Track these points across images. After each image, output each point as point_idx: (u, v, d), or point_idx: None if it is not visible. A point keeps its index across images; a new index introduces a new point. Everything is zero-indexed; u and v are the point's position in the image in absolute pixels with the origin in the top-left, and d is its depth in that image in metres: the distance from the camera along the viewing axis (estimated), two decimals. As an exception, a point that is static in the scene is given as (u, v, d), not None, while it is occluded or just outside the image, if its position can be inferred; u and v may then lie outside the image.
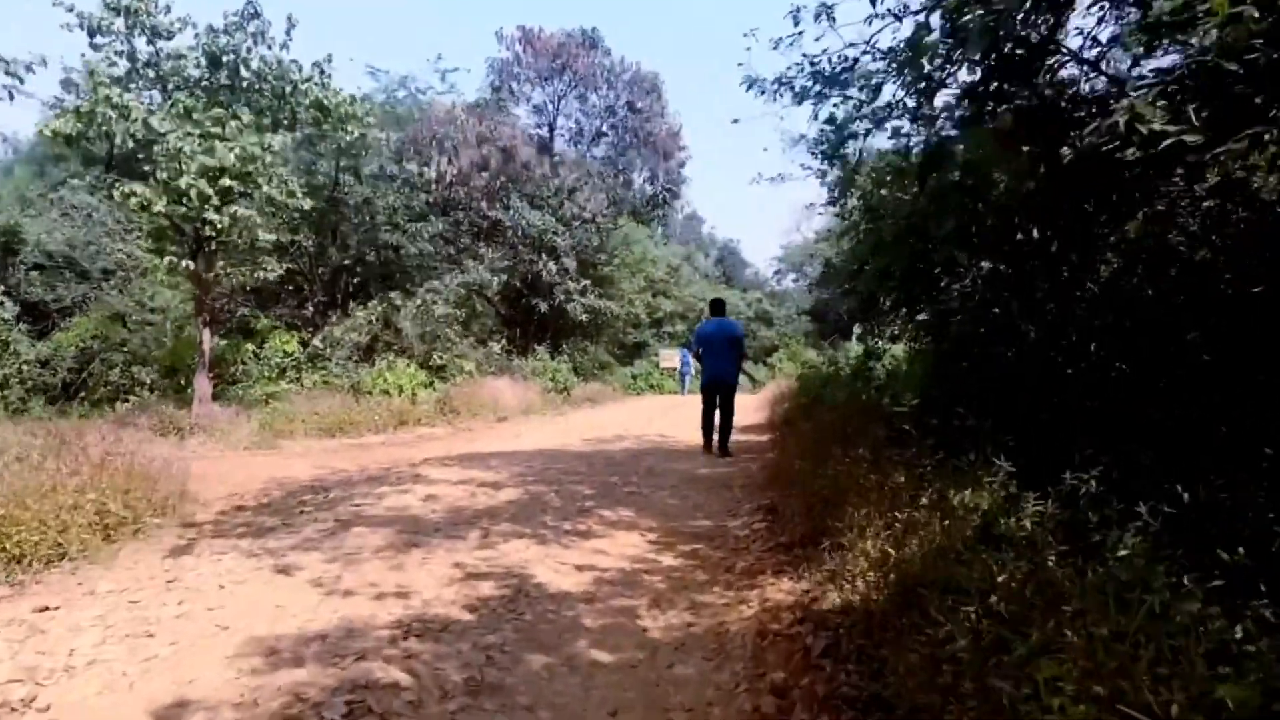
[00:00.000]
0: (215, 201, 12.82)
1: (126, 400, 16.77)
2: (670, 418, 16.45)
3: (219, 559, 5.06)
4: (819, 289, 42.17)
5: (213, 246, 13.75)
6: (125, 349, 18.03)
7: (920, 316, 8.72)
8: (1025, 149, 4.68)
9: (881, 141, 10.28)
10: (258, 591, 4.37)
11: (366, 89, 21.95)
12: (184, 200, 12.86)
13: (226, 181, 13.22)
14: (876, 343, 11.04)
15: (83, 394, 18.60)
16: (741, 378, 10.03)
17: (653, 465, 8.81)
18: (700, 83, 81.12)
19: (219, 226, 13.07)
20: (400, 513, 6.22)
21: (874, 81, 8.65)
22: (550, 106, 22.39)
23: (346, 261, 19.58)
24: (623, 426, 14.11)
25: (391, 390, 14.36)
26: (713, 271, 53.89)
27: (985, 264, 6.41)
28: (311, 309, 18.41)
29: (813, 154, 9.46)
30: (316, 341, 14.80)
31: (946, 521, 3.87)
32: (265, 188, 13.55)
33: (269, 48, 14.49)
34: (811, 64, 8.42)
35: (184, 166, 12.73)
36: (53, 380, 18.39)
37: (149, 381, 17.40)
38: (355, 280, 19.26)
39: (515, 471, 8.30)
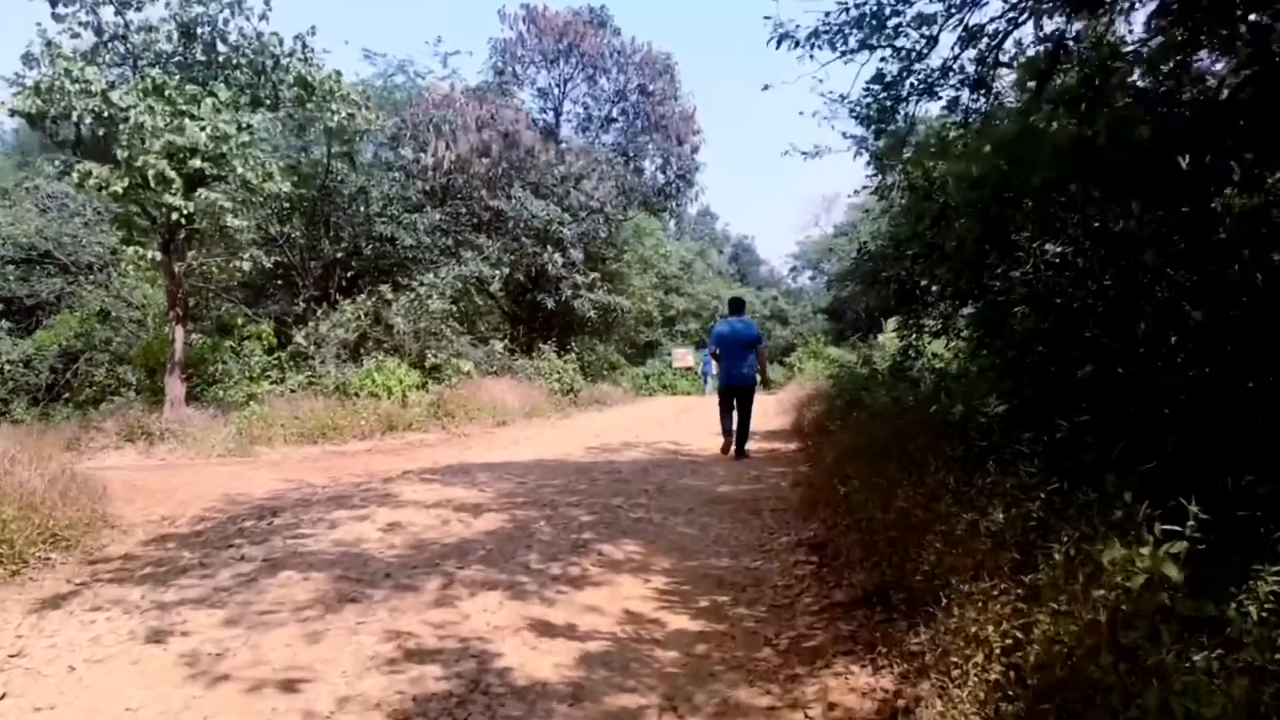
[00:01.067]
0: (178, 185, 11.64)
1: (111, 401, 15.69)
2: (684, 422, 15.18)
3: (93, 619, 3.84)
4: (838, 285, 40.82)
5: (182, 235, 12.59)
6: (110, 347, 16.98)
7: (967, 310, 7.48)
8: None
9: (935, 110, 9.05)
10: (112, 678, 3.13)
11: (364, 75, 20.78)
12: (146, 183, 11.71)
13: (197, 163, 12.06)
14: (917, 338, 9.76)
15: (66, 395, 17.59)
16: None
17: (665, 481, 7.53)
18: (712, 75, 79.82)
19: (185, 212, 11.90)
20: (348, 549, 4.98)
21: (930, 30, 7.38)
22: (556, 90, 21.17)
23: (339, 254, 18.39)
24: (632, 432, 12.85)
25: (380, 392, 13.16)
26: (726, 269, 52.59)
27: (1051, 246, 5.12)
28: (303, 305, 17.24)
29: (856, 117, 8.21)
30: (299, 338, 13.61)
31: (1102, 592, 2.57)
32: (240, 169, 12.35)
33: (247, 19, 13.33)
34: (856, 3, 7.16)
35: (147, 145, 11.57)
36: (36, 380, 17.39)
37: (134, 382, 16.35)
38: (349, 274, 18.08)
39: (503, 490, 7.05)
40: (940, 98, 8.18)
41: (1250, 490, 2.90)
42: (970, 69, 8.04)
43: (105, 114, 11.60)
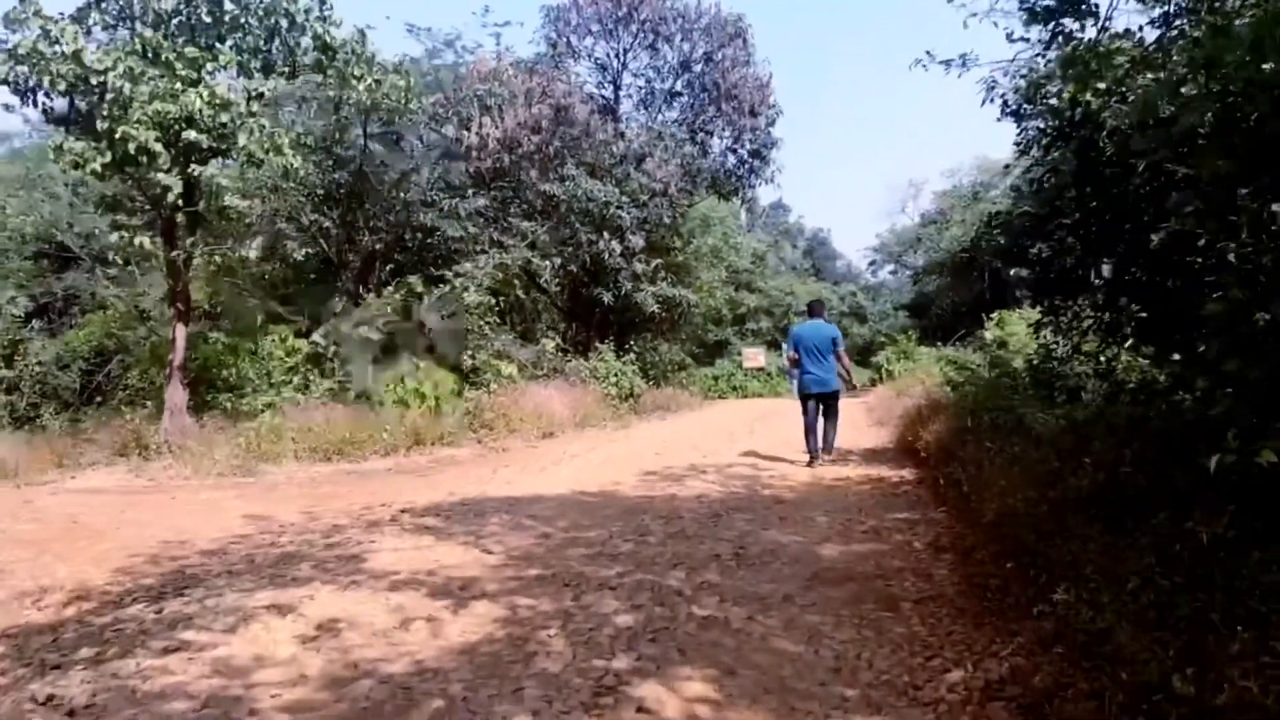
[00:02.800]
0: (165, 159, 9.96)
1: (145, 405, 14.31)
2: (760, 433, 12.95)
3: None
4: (925, 278, 37.86)
5: (180, 220, 10.94)
6: (144, 348, 15.67)
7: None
8: None
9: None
10: None
11: (410, 53, 19.04)
12: (132, 158, 10.09)
13: (193, 135, 10.38)
14: (1077, 335, 7.46)
15: (99, 399, 16.36)
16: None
17: (745, 536, 5.38)
18: (782, 54, 76.88)
19: (177, 192, 10.23)
20: (220, 692, 2.98)
21: None
22: (615, 62, 19.06)
23: (378, 245, 16.72)
24: (700, 449, 10.73)
25: (410, 399, 11.32)
26: (801, 263, 49.94)
27: None
28: (339, 302, 15.60)
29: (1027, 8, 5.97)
30: (317, 338, 11.85)
31: None
32: (243, 140, 10.65)
33: (258, -28, 11.66)
34: None
35: (128, 114, 9.93)
36: (70, 383, 16.19)
37: (160, 384, 14.98)
38: (389, 267, 16.41)
39: (516, 550, 5.00)
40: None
41: None
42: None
43: (84, 80, 10.03)
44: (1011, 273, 29.40)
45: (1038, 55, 5.80)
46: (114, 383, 15.99)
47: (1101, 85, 5.72)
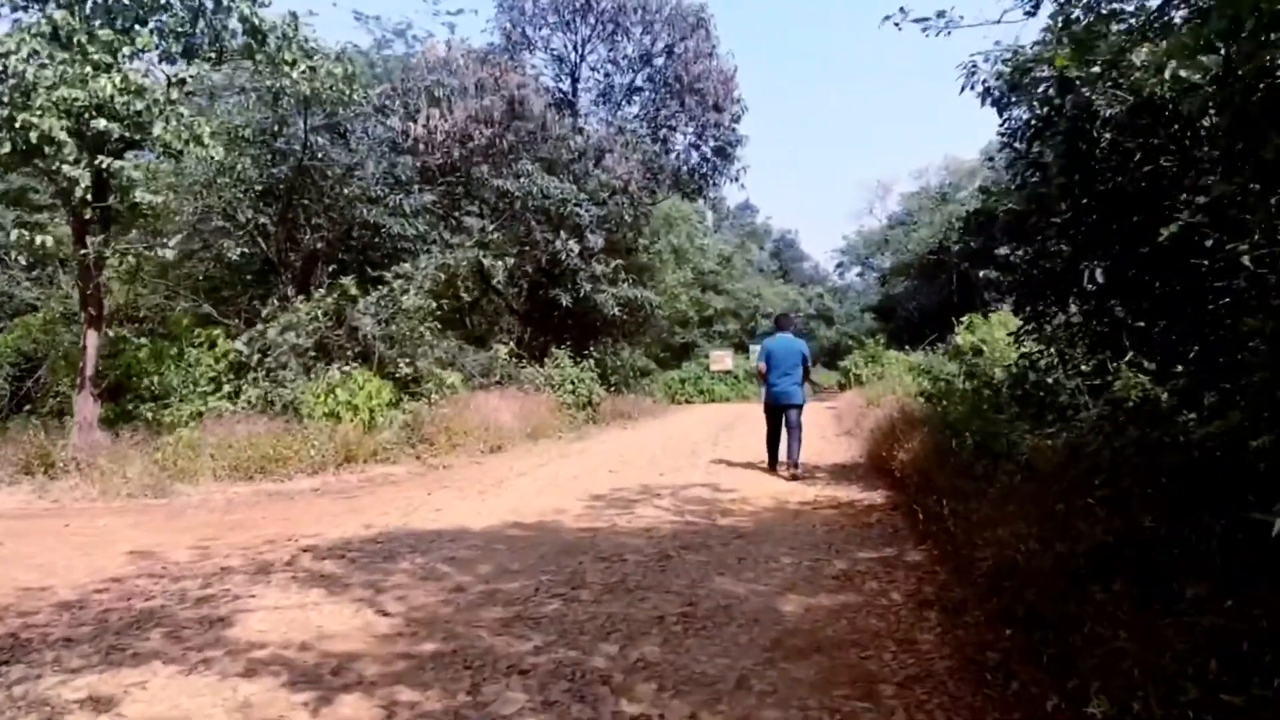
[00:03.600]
0: (71, 149, 9.00)
1: (68, 417, 13.20)
2: (725, 445, 12.24)
3: None
4: (892, 279, 37.43)
5: (88, 215, 9.94)
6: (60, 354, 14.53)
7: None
8: None
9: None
10: None
11: (359, 44, 18.04)
12: (35, 148, 9.11)
13: (103, 123, 9.42)
14: (1066, 342, 6.84)
15: (28, 406, 15.20)
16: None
17: (696, 585, 4.59)
18: (750, 57, 76.54)
19: (85, 185, 9.26)
20: None
21: None
22: (573, 54, 18.20)
23: (320, 244, 15.74)
24: (657, 463, 9.98)
25: (341, 412, 10.40)
26: (768, 265, 49.47)
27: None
28: (276, 305, 14.61)
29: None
30: (240, 345, 10.89)
31: None
32: (158, 130, 9.70)
33: (179, -53, 10.71)
34: None
35: (31, 100, 8.97)
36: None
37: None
38: (332, 268, 15.44)
39: (417, 612, 4.16)
40: None
41: None
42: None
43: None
44: (980, 275, 29.10)
45: (1026, 14, 5.07)
46: (44, 390, 14.90)
47: (1095, 65, 5.06)
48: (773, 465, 9.20)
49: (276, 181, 15.65)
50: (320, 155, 15.32)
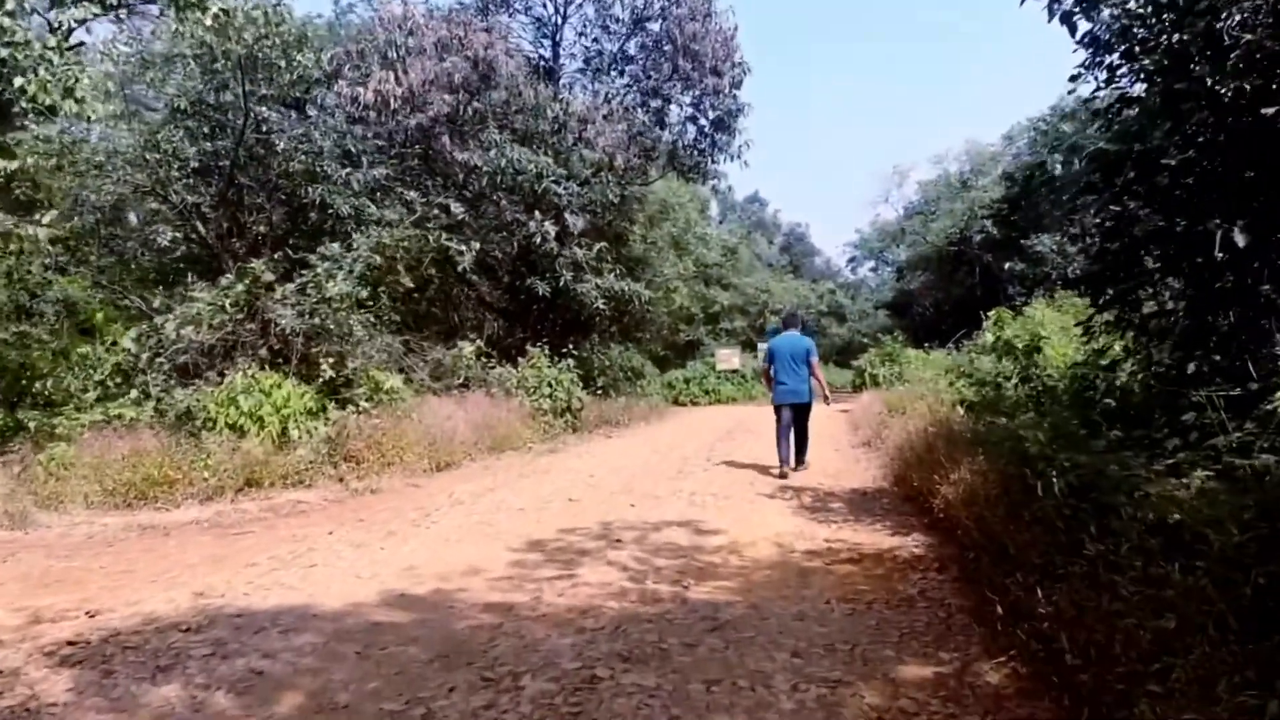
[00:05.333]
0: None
1: None
2: (721, 456, 10.30)
3: None
4: (909, 273, 35.29)
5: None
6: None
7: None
8: None
9: None
10: None
11: (321, 10, 16.17)
12: None
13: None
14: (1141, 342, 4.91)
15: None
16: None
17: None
18: (761, 52, 74.43)
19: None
20: None
21: None
22: (555, 16, 16.22)
23: (262, 228, 13.88)
24: (633, 487, 8.05)
25: (246, 424, 8.50)
26: (778, 259, 47.37)
27: None
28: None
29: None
30: (128, 343, 8.99)
31: None
32: (19, 82, 7.89)
33: None
34: None
35: None
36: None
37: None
38: (277, 255, 13.57)
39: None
40: None
41: None
42: None
43: None
44: (1006, 267, 27.08)
45: None
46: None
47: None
48: (782, 469, 8.82)
49: (215, 157, 13.83)
50: (265, 128, 13.48)
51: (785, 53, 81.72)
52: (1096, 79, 5.65)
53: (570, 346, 13.93)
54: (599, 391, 15.59)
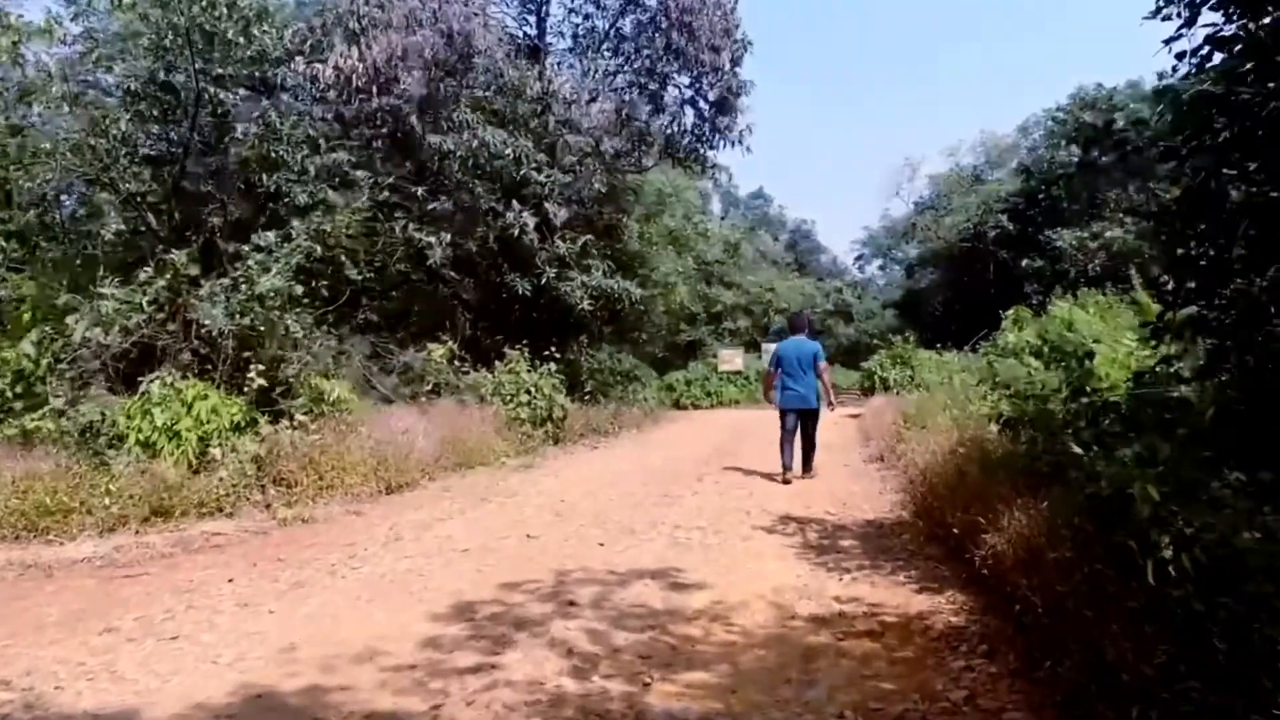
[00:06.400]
0: None
1: None
2: (716, 474, 9.08)
3: None
4: (919, 270, 33.95)
5: None
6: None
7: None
8: None
9: None
10: None
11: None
12: None
13: None
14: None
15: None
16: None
17: None
18: (763, 41, 73.20)
19: None
20: None
21: None
22: (541, -8, 14.94)
23: (216, 220, 12.68)
24: (607, 519, 6.85)
25: (161, 440, 7.31)
26: (783, 257, 46.03)
27: None
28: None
29: None
30: (27, 347, 7.79)
31: None
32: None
33: None
34: None
35: None
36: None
37: None
38: (233, 249, 12.40)
39: None
40: None
41: None
42: None
43: None
44: (1023, 264, 25.78)
45: None
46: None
47: None
48: (785, 475, 8.65)
49: (169, 143, 12.67)
50: (221, 111, 12.29)
51: (793, 46, 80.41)
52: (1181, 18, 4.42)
53: (553, 349, 12.71)
54: (587, 397, 14.38)
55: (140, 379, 7.72)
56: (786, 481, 8.52)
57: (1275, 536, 2.59)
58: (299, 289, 8.32)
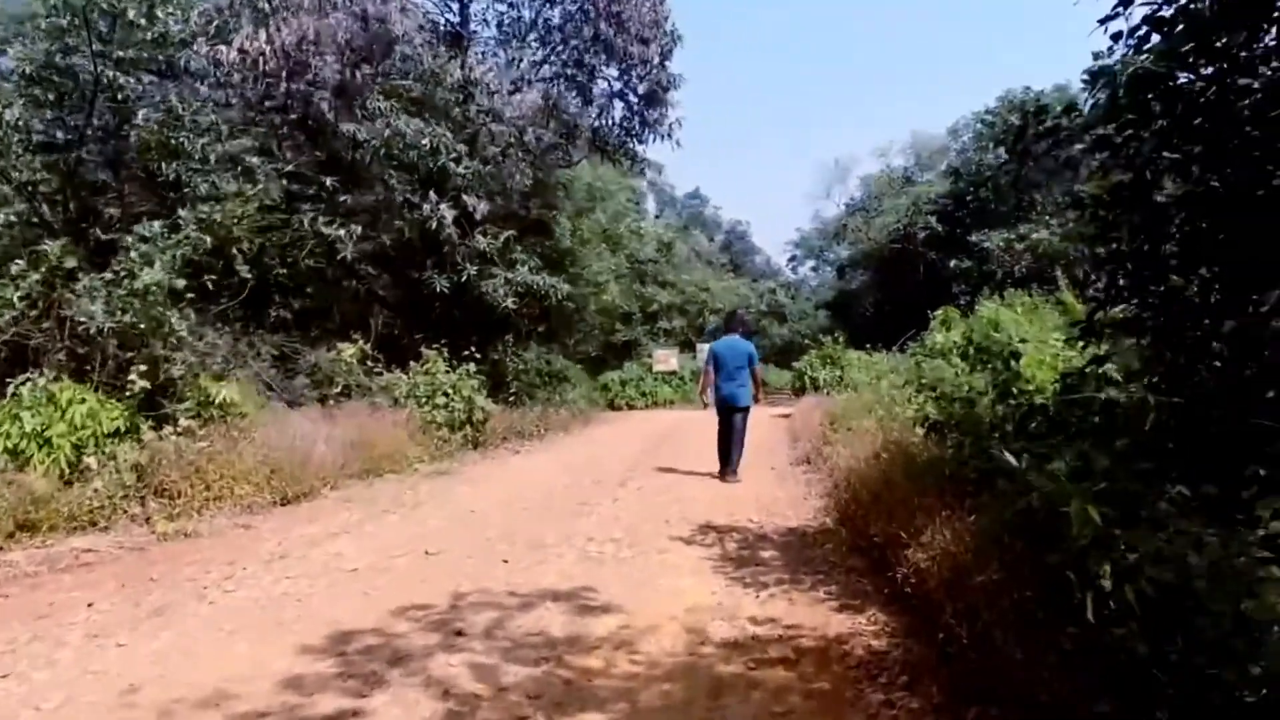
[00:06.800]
0: None
1: None
2: (642, 477, 8.74)
3: None
4: (850, 272, 34.20)
5: None
6: None
7: None
8: None
9: None
10: None
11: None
12: None
13: None
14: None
15: None
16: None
17: None
18: (696, 47, 73.33)
19: None
20: None
21: None
22: (461, -28, 14.38)
23: (113, 211, 11.86)
24: (516, 533, 6.42)
25: (28, 448, 6.64)
26: (718, 257, 46.02)
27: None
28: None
29: None
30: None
31: None
32: None
33: None
34: None
35: None
36: None
37: None
38: (131, 242, 11.58)
39: None
40: None
41: None
42: None
43: None
44: (952, 264, 26.09)
45: None
46: None
47: None
48: (723, 473, 8.92)
49: (67, 129, 11.80)
50: (121, 96, 11.47)
51: (723, 45, 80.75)
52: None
53: (474, 349, 12.19)
54: (511, 399, 13.89)
55: (9, 381, 7.02)
56: (724, 480, 8.77)
57: (1230, 565, 2.32)
58: (180, 283, 7.66)
